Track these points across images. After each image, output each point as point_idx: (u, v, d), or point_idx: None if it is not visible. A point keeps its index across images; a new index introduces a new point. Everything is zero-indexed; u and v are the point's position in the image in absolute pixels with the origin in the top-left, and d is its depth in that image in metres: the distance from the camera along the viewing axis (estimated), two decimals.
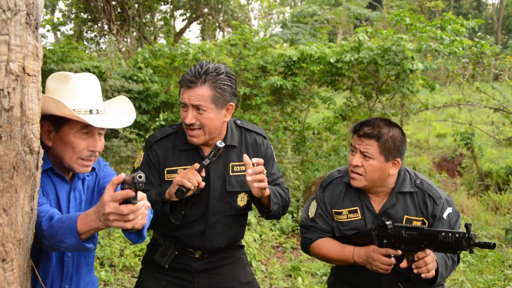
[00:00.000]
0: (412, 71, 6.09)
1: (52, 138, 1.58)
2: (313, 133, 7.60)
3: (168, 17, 13.58)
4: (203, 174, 1.84)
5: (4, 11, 1.17)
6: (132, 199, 1.30)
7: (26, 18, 1.25)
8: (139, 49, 9.74)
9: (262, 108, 6.43)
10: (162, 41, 13.12)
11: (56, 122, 1.56)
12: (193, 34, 58.55)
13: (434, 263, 1.84)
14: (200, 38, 15.29)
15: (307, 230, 2.19)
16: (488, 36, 9.35)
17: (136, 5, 11.53)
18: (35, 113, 1.33)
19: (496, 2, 28.83)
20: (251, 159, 1.86)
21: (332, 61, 6.24)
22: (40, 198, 1.49)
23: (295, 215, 5.75)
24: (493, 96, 7.10)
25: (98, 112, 1.61)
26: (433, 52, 6.23)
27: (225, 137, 2.04)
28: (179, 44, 8.41)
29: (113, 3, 10.80)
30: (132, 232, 1.49)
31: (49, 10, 17.61)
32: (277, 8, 20.22)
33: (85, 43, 11.28)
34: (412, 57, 6.06)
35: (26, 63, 1.26)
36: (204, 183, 1.85)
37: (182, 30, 13.44)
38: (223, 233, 2.07)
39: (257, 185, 1.85)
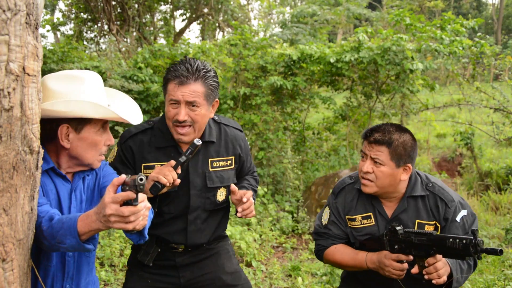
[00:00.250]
0: (412, 71, 6.09)
1: (71, 140, 1.59)
2: (313, 133, 7.60)
3: (168, 17, 13.59)
4: (179, 171, 1.83)
5: (4, 11, 1.17)
6: (133, 201, 1.31)
7: (26, 18, 1.25)
8: (139, 49, 9.74)
9: (262, 108, 6.43)
10: (162, 41, 13.13)
11: (77, 124, 1.58)
12: (193, 34, 58.60)
13: (446, 269, 1.81)
14: (200, 38, 15.30)
15: (320, 237, 2.18)
16: (488, 36, 9.34)
17: (136, 5, 11.54)
18: (35, 113, 1.33)
19: (496, 2, 28.84)
20: (237, 189, 1.96)
21: (332, 61, 6.24)
22: (40, 198, 1.49)
23: (295, 215, 5.75)
24: (493, 96, 7.09)
25: (110, 107, 1.65)
26: (433, 52, 6.23)
27: (204, 133, 2.04)
28: (179, 44, 8.42)
29: (113, 3, 10.80)
30: (133, 233, 1.50)
31: (49, 10, 17.62)
32: (277, 8, 20.24)
33: (85, 43, 11.29)
34: (412, 57, 6.06)
35: (26, 63, 1.26)
36: (180, 181, 1.84)
37: (182, 30, 13.44)
38: (204, 228, 2.09)
39: (245, 216, 1.94)
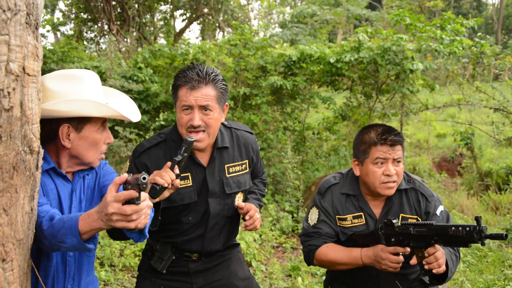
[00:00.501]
0: (412, 71, 6.08)
1: (72, 140, 1.58)
2: (313, 133, 7.59)
3: (168, 17, 13.60)
4: (177, 171, 1.77)
5: (4, 11, 1.17)
6: (136, 200, 1.31)
7: (26, 18, 1.24)
8: (139, 49, 9.75)
9: (262, 108, 6.43)
10: (162, 41, 13.13)
11: (78, 123, 1.57)
12: (193, 34, 58.61)
13: (444, 258, 1.85)
14: (200, 38, 15.31)
15: (311, 238, 2.15)
16: (488, 36, 9.33)
17: (136, 5, 11.54)
18: (35, 113, 1.33)
19: (496, 2, 28.84)
20: (243, 205, 1.99)
21: (332, 61, 6.24)
22: (40, 198, 1.49)
23: (295, 215, 5.75)
24: (493, 96, 7.09)
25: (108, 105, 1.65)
26: (433, 52, 6.23)
27: (216, 140, 2.00)
28: (179, 44, 8.41)
29: (113, 3, 10.81)
30: (134, 231, 1.49)
31: (49, 10, 17.61)
32: (277, 8, 20.24)
33: (85, 43, 11.29)
34: (412, 57, 6.06)
35: (26, 63, 1.26)
36: (179, 181, 1.77)
37: (182, 30, 13.45)
38: (220, 234, 2.08)
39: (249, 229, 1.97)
